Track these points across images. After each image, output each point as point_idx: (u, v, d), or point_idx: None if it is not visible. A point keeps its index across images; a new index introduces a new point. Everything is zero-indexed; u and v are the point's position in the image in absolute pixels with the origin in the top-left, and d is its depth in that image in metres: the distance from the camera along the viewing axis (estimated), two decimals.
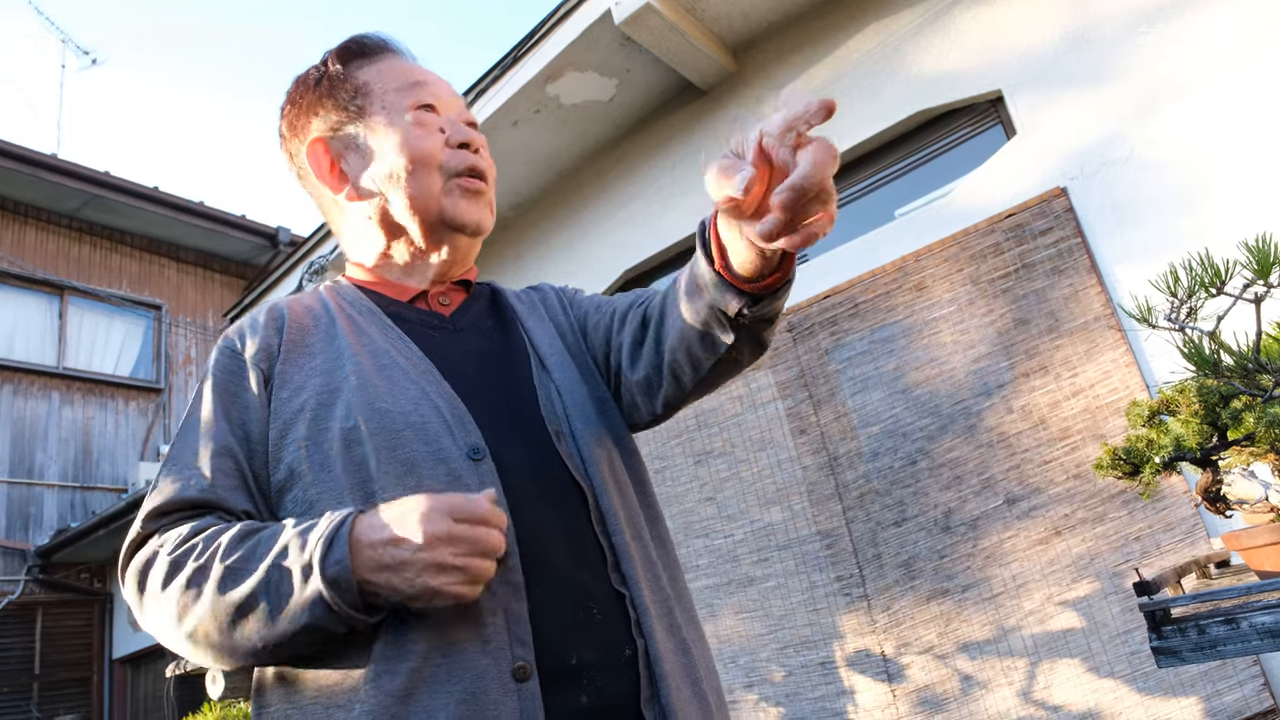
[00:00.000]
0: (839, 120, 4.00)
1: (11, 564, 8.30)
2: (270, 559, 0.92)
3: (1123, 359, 3.03)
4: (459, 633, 0.94)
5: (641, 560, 1.11)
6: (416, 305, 1.22)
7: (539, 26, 4.22)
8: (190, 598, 0.94)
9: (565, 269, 5.04)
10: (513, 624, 0.96)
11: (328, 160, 1.22)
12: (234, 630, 0.92)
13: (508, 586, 0.98)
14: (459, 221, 1.18)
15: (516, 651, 0.95)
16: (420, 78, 1.23)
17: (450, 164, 1.17)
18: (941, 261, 3.50)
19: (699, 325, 1.04)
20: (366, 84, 1.21)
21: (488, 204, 1.22)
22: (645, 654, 1.03)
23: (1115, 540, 2.97)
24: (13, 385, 8.62)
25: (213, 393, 1.10)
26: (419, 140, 1.16)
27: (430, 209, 1.16)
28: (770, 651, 3.71)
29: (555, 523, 1.06)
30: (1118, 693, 2.89)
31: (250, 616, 0.91)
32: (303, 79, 1.27)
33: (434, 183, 1.16)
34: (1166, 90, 3.11)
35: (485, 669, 0.93)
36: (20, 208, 9.09)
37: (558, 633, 0.99)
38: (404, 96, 1.20)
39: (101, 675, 8.67)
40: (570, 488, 1.10)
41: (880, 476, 3.51)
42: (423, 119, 1.18)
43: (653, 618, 1.06)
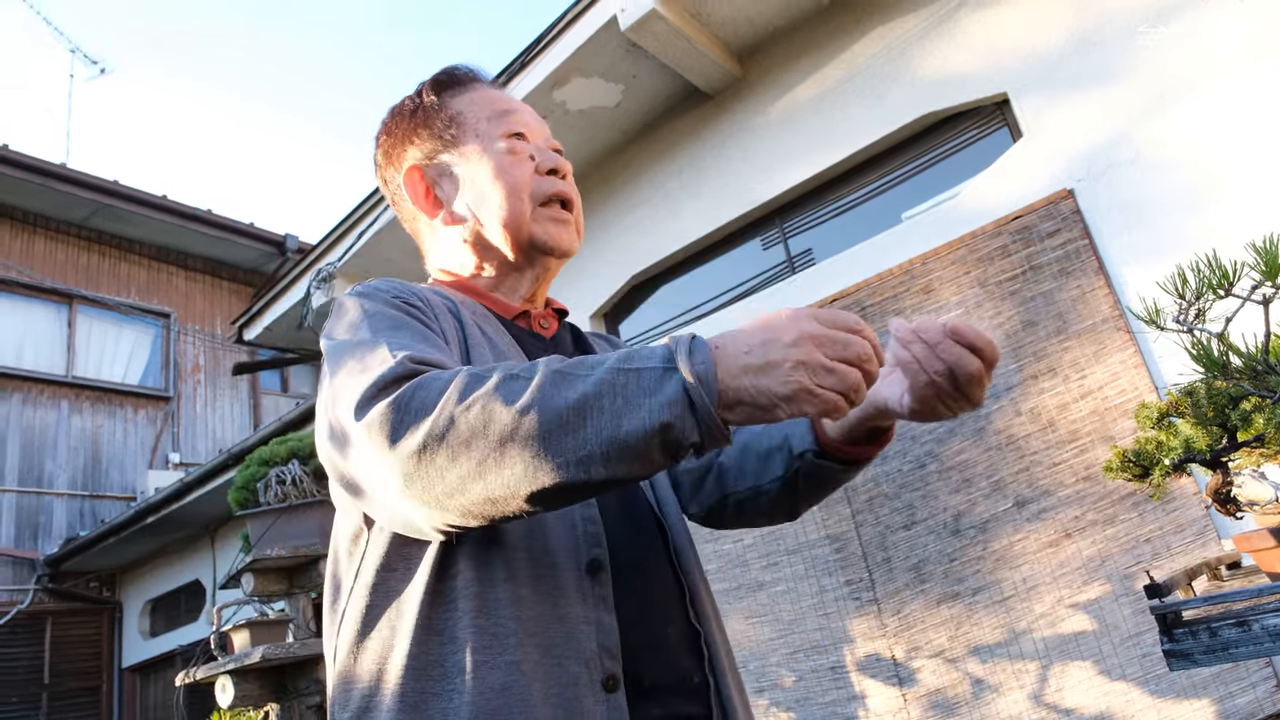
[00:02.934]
0: (845, 123, 4.01)
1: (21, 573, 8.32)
2: (609, 366, 0.83)
3: (1131, 361, 3.03)
4: (553, 635, 0.96)
5: (709, 603, 1.17)
6: (519, 324, 1.25)
7: (545, 33, 4.23)
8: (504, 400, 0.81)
9: (573, 274, 5.05)
10: (602, 635, 0.98)
11: (423, 187, 1.27)
12: (568, 432, 0.80)
13: (598, 599, 1.00)
14: (548, 245, 1.22)
15: (606, 663, 0.97)
16: (509, 106, 1.29)
17: (540, 190, 1.22)
18: (949, 264, 3.50)
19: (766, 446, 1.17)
20: (460, 114, 1.27)
21: (575, 228, 1.27)
22: (716, 689, 1.08)
23: (1126, 542, 2.96)
24: (22, 394, 8.66)
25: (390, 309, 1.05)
26: (512, 168, 1.21)
27: (521, 233, 1.21)
28: (780, 656, 3.71)
29: (640, 547, 1.11)
30: (1129, 695, 2.88)
31: (591, 415, 0.80)
32: (398, 109, 1.32)
33: (525, 209, 1.20)
34: (1173, 91, 3.10)
35: (578, 675, 0.95)
36: (29, 217, 9.13)
37: (639, 651, 1.01)
38: (496, 125, 1.25)
39: (111, 684, 8.69)
40: (651, 520, 1.15)
41: (889, 480, 3.50)
42: (515, 147, 1.23)
43: (721, 656, 1.12)
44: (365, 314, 1.03)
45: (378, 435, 0.84)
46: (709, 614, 1.14)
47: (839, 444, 1.09)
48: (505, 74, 4.37)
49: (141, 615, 8.73)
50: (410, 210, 1.30)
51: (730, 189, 4.41)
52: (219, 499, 6.61)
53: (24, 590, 8.27)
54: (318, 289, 5.57)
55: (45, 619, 8.45)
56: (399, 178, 1.29)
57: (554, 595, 0.98)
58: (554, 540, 1.01)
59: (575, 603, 0.98)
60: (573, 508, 1.03)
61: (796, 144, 4.18)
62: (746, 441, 1.19)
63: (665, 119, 4.74)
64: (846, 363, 0.81)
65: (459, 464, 0.81)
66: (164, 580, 8.43)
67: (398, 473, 0.83)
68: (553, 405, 0.80)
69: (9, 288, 8.81)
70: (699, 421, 0.80)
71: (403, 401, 0.84)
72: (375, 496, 0.89)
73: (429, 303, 1.12)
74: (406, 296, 1.09)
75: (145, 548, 8.17)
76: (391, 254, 5.39)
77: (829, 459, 1.11)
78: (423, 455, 0.82)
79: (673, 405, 0.79)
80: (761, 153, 4.31)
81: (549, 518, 1.02)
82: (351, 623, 1.01)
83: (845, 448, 1.10)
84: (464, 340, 1.10)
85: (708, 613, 1.14)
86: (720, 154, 4.49)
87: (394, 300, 1.07)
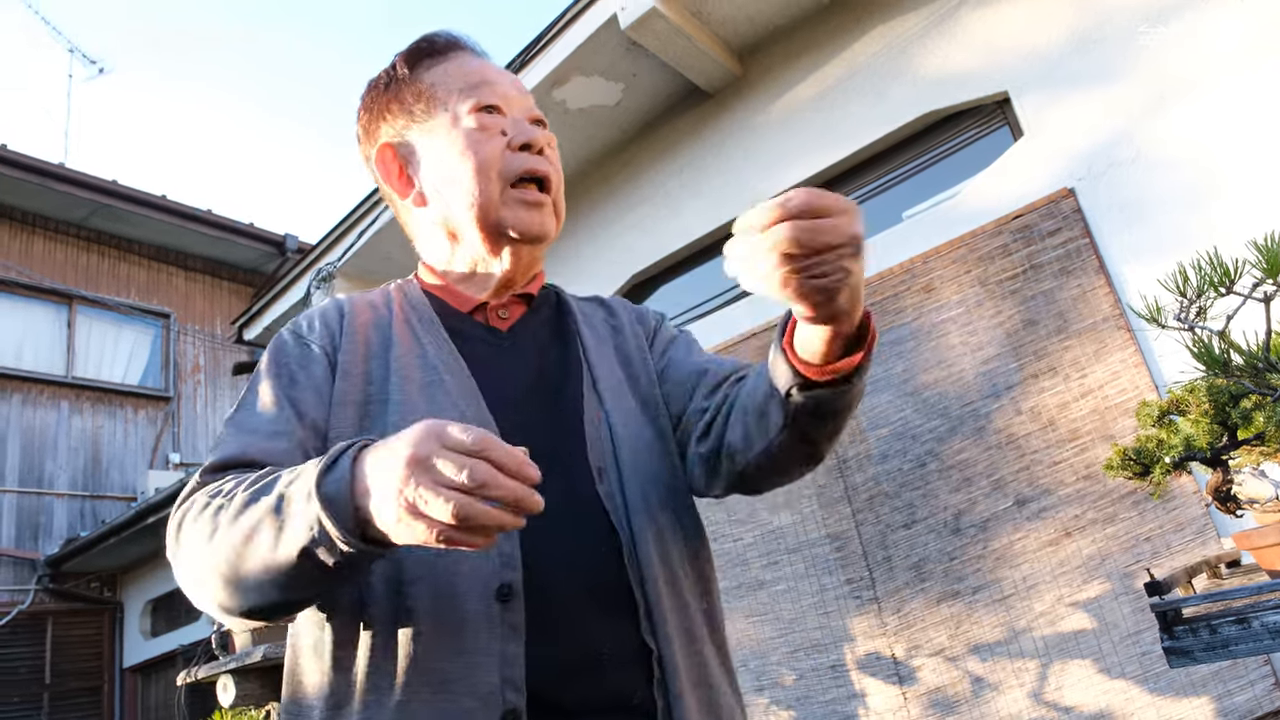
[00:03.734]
0: (846, 122, 4.01)
1: (21, 573, 8.32)
2: (283, 483, 0.85)
3: (1132, 359, 3.03)
4: (449, 670, 0.93)
5: (675, 610, 1.06)
6: (475, 318, 1.20)
7: (545, 31, 4.23)
8: (212, 527, 0.89)
9: (573, 274, 5.05)
10: (505, 666, 0.94)
11: (396, 166, 1.21)
12: (245, 558, 0.85)
13: (506, 627, 0.95)
14: (518, 231, 1.14)
15: (508, 696, 0.92)
16: (485, 76, 1.20)
17: (511, 168, 1.14)
18: (949, 263, 3.50)
19: (760, 401, 1.03)
20: (431, 86, 1.20)
21: (551, 210, 1.19)
22: (668, 709, 0.99)
23: (1126, 541, 2.97)
24: (22, 395, 8.65)
25: (272, 376, 1.09)
26: (480, 145, 1.14)
27: (489, 216, 1.14)
28: (780, 655, 3.71)
29: (577, 566, 1.02)
30: (1129, 693, 2.88)
31: (258, 540, 0.84)
32: (374, 83, 1.26)
33: (493, 189, 1.13)
34: (1174, 90, 3.11)
35: (470, 711, 0.91)
36: (28, 217, 9.13)
37: (555, 680, 0.96)
38: (467, 98, 1.17)
39: (112, 684, 8.69)
40: (605, 532, 1.06)
41: (889, 479, 3.51)
42: (485, 122, 1.15)
43: (680, 673, 1.02)
44: (251, 384, 1.11)
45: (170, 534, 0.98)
46: (672, 630, 1.04)
47: (819, 367, 0.94)
48: None
49: (142, 615, 8.73)
50: (387, 190, 1.25)
51: (731, 188, 4.41)
52: None
53: (25, 591, 8.27)
54: (318, 289, 5.57)
55: (46, 619, 8.45)
56: (373, 155, 1.24)
57: (455, 628, 0.95)
58: (461, 568, 0.97)
59: (480, 633, 0.94)
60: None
61: (797, 143, 4.18)
62: (743, 405, 1.07)
63: (666, 118, 4.74)
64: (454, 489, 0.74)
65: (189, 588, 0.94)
66: (165, 580, 8.42)
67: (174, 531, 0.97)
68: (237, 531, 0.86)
69: (8, 288, 8.80)
70: (334, 545, 0.80)
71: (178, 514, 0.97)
72: None
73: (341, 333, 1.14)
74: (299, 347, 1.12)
75: (146, 548, 8.16)
76: (392, 252, 5.39)
77: (819, 385, 0.95)
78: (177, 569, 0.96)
79: (310, 528, 0.80)
80: (762, 151, 4.31)
81: None
82: (290, 649, 1.06)
83: (828, 368, 0.94)
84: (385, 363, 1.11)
85: (669, 630, 1.03)
86: (721, 153, 4.49)
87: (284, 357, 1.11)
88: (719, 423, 1.13)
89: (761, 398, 1.02)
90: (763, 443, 1.04)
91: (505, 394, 1.11)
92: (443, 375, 1.09)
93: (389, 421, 1.03)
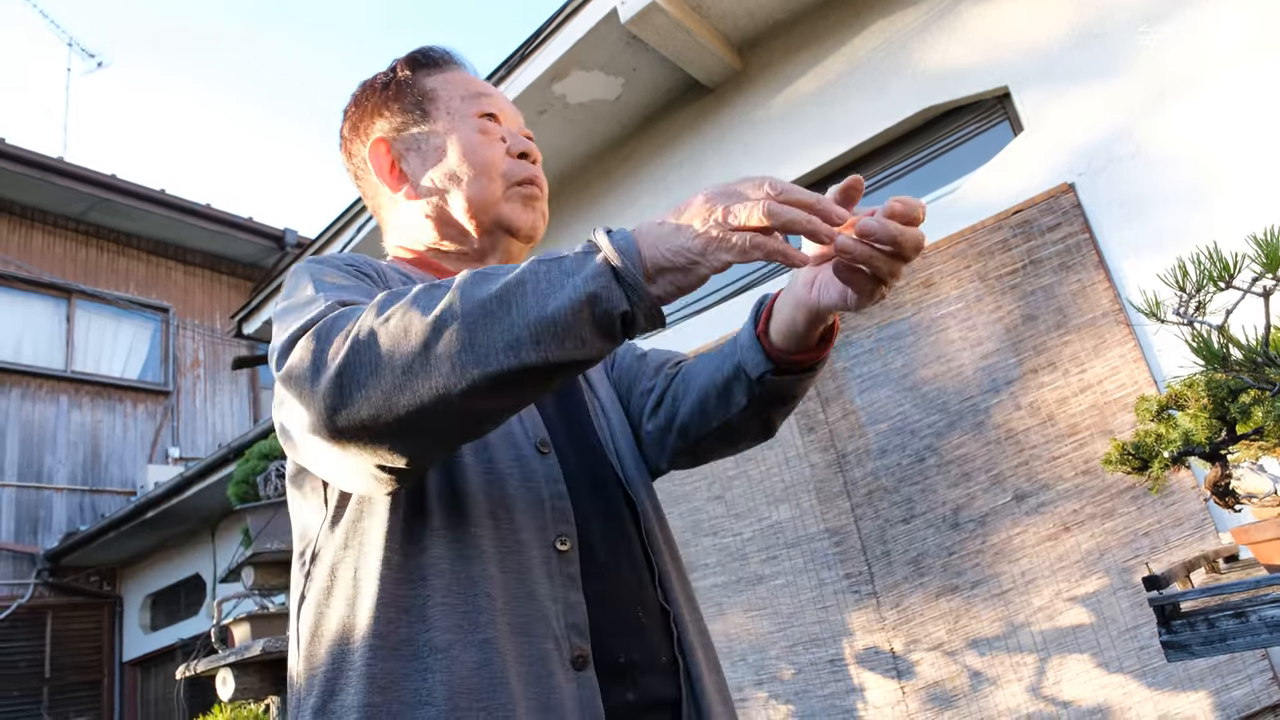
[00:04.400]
0: (846, 117, 4.01)
1: (21, 567, 8.34)
2: (529, 262, 0.83)
3: (1131, 354, 3.03)
4: (524, 613, 0.96)
5: (679, 583, 1.18)
6: None
7: (545, 26, 4.23)
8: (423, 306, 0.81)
9: None
10: (570, 614, 0.99)
11: (389, 160, 1.26)
12: (493, 321, 0.78)
13: (565, 577, 1.01)
14: (514, 226, 1.22)
15: (574, 640, 0.98)
16: (483, 90, 1.29)
17: (512, 172, 1.22)
18: (949, 258, 3.50)
19: (721, 382, 1.15)
20: (433, 90, 1.27)
21: (541, 213, 1.27)
22: (685, 669, 1.08)
23: (1124, 535, 2.97)
24: (21, 389, 8.66)
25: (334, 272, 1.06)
26: (483, 147, 1.21)
27: (487, 212, 1.21)
28: (779, 649, 3.71)
29: (610, 528, 1.11)
30: (1127, 688, 2.89)
31: (516, 301, 0.79)
32: (370, 83, 1.32)
33: (495, 188, 1.21)
34: (1174, 85, 3.10)
35: (549, 652, 0.95)
36: (27, 211, 9.13)
37: (608, 630, 1.02)
38: (469, 105, 1.25)
39: (112, 678, 8.70)
40: (623, 503, 1.16)
41: (888, 474, 3.51)
42: (486, 127, 1.23)
43: (692, 635, 1.13)
44: (311, 277, 1.02)
45: (300, 369, 0.82)
46: (679, 595, 1.15)
47: (793, 355, 1.08)
48: (505, 67, 4.36)
49: (142, 609, 8.74)
50: (373, 184, 1.29)
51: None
52: (219, 493, 6.62)
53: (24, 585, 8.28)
54: None
55: (46, 613, 8.46)
56: (364, 150, 1.29)
57: (521, 573, 0.98)
58: (521, 518, 1.01)
59: (543, 581, 0.99)
60: (540, 485, 1.04)
61: (797, 137, 4.18)
62: (702, 385, 1.19)
63: (665, 112, 4.74)
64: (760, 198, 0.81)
65: (383, 376, 0.79)
66: (164, 574, 8.44)
67: (324, 402, 0.80)
68: (474, 298, 0.80)
69: (7, 282, 8.80)
70: (626, 290, 0.80)
71: (322, 331, 0.84)
72: (308, 443, 0.85)
73: (383, 274, 1.14)
74: (360, 265, 1.13)
75: (145, 542, 8.18)
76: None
77: (788, 372, 1.10)
78: (344, 376, 0.80)
79: (597, 277, 0.79)
80: (762, 146, 4.31)
81: (515, 495, 1.01)
82: (314, 604, 0.99)
83: (800, 356, 1.08)
84: None
85: (677, 594, 1.15)
86: (721, 147, 4.49)
87: (345, 266, 1.10)
88: (668, 400, 1.26)
89: (724, 379, 1.14)
90: (720, 419, 1.18)
91: None
92: None
93: None
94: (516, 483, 1.03)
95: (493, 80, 4.37)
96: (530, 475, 1.04)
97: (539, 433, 1.09)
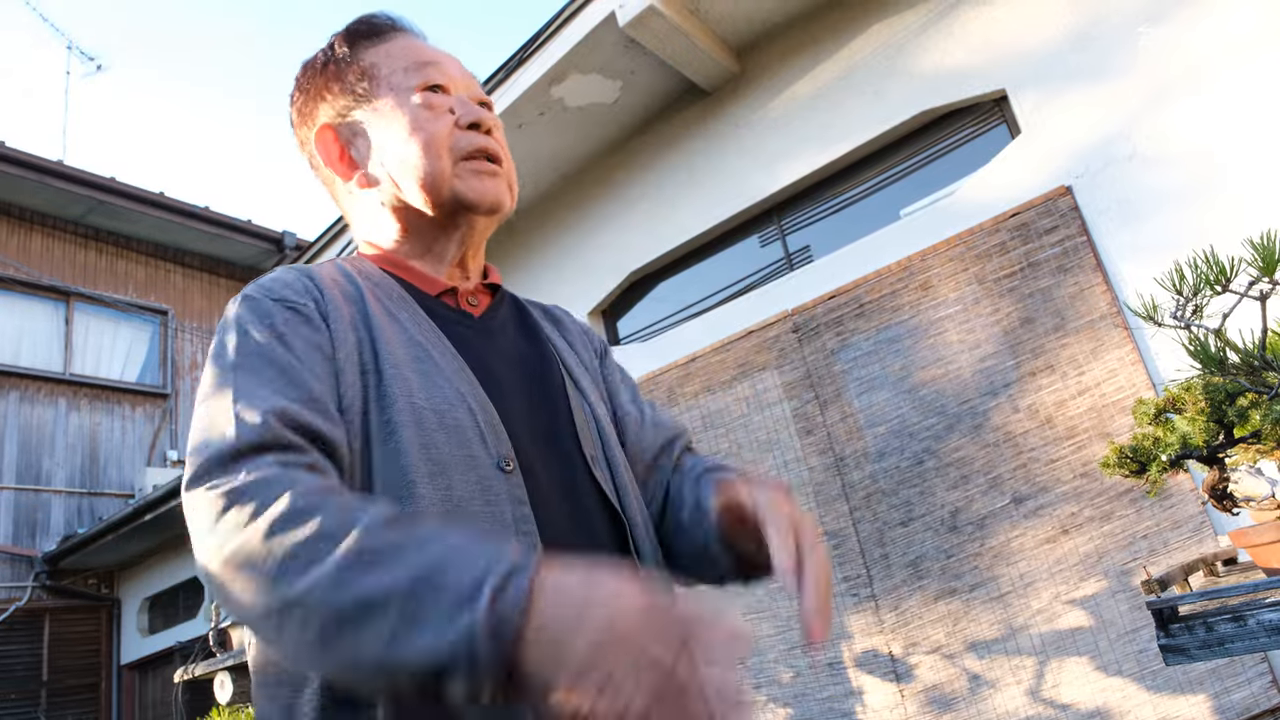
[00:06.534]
0: (844, 120, 4.01)
1: (19, 570, 8.32)
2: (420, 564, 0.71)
3: (1129, 357, 3.03)
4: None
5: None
6: (445, 301, 1.15)
7: (543, 29, 4.23)
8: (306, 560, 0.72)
9: (571, 271, 5.05)
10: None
11: (337, 148, 1.18)
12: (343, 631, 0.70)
13: None
14: (472, 199, 1.12)
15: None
16: (430, 57, 1.18)
17: (460, 146, 1.12)
18: (947, 261, 3.50)
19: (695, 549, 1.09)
20: (374, 65, 1.17)
21: (505, 182, 1.17)
22: None
23: (1122, 538, 2.97)
24: (19, 392, 8.64)
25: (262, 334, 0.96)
26: (428, 123, 1.11)
27: (441, 191, 1.11)
28: (778, 653, 3.71)
29: (583, 545, 1.00)
30: (1125, 691, 2.88)
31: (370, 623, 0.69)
32: (310, 64, 1.22)
33: (443, 165, 1.10)
34: (1171, 88, 3.11)
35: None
36: (26, 214, 9.11)
37: None
38: (412, 77, 1.15)
39: (110, 681, 8.68)
40: (602, 514, 1.06)
41: (887, 476, 3.51)
42: (431, 100, 1.13)
43: None
44: (234, 366, 0.93)
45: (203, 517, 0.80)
46: None
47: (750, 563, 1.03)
48: (503, 70, 4.36)
49: (140, 612, 8.72)
50: (326, 174, 1.21)
51: (728, 185, 4.41)
52: None
53: (22, 587, 8.26)
54: None
55: (43, 616, 8.44)
56: (311, 138, 1.19)
57: None
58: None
59: None
60: (504, 507, 0.95)
61: (794, 140, 4.18)
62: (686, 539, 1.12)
63: (663, 115, 4.74)
64: None
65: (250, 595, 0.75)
66: (162, 577, 8.43)
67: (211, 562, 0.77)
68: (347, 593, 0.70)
69: (6, 285, 8.79)
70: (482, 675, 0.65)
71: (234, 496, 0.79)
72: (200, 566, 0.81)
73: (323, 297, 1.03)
74: (297, 301, 1.01)
75: (144, 545, 8.16)
76: None
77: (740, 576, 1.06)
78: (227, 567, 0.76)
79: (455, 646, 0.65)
80: (759, 149, 4.31)
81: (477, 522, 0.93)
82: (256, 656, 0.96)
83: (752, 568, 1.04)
84: (369, 334, 1.02)
85: None
86: (718, 150, 4.49)
87: (272, 319, 0.98)
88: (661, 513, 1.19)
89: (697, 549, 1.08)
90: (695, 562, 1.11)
91: (492, 374, 1.08)
92: (429, 351, 1.05)
93: (390, 394, 0.97)
94: (478, 508, 0.94)
95: (491, 83, 4.38)
96: (493, 498, 0.96)
97: (502, 449, 1.00)
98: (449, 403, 1.00)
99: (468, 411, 1.00)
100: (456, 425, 0.99)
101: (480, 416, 1.01)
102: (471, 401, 1.02)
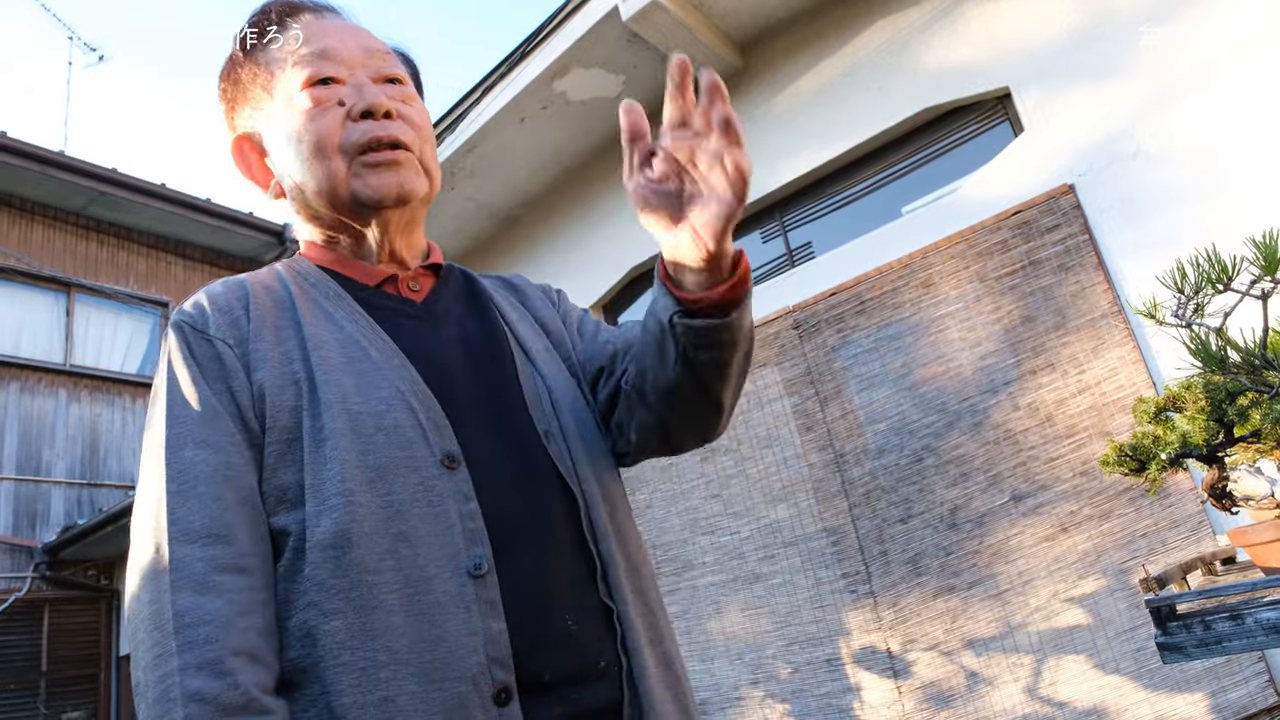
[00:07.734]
0: (847, 116, 4.00)
1: (18, 561, 8.32)
2: None
3: (1129, 355, 3.03)
4: (433, 659, 0.89)
5: (627, 571, 1.06)
6: (385, 290, 1.13)
7: (546, 23, 4.22)
8: None
9: (574, 265, 5.04)
10: (491, 646, 0.91)
11: (255, 156, 1.15)
12: None
13: (484, 604, 0.92)
14: (372, 198, 1.06)
15: (497, 675, 0.90)
16: (315, 45, 1.10)
17: (351, 141, 1.06)
18: (948, 259, 3.50)
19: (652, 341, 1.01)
20: (266, 66, 1.11)
21: (412, 167, 1.09)
22: (628, 670, 0.99)
23: (1121, 537, 2.97)
24: (20, 382, 8.65)
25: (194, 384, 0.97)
26: (314, 123, 1.06)
27: (339, 194, 1.06)
28: (776, 648, 3.72)
29: (537, 530, 1.00)
30: (1123, 689, 2.89)
31: None
32: (222, 73, 1.17)
33: (337, 166, 1.05)
34: (1175, 87, 3.10)
35: (466, 696, 0.88)
36: (27, 205, 9.11)
37: (532, 650, 0.94)
38: (299, 73, 1.08)
39: (109, 672, 8.70)
40: (558, 492, 1.04)
41: (886, 473, 3.51)
42: (319, 96, 1.07)
43: (638, 632, 1.02)
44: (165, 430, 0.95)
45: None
46: (626, 588, 1.04)
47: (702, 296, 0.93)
48: (505, 64, 4.36)
49: None
50: (250, 184, 1.16)
51: None
52: None
53: (22, 578, 8.27)
54: None
55: (43, 607, 8.45)
56: (230, 148, 1.15)
57: (430, 613, 0.90)
58: (427, 550, 0.93)
59: (458, 615, 0.91)
60: (449, 506, 0.95)
61: (797, 137, 4.18)
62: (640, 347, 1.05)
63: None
64: None
65: None
66: None
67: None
68: None
69: (7, 276, 8.79)
70: None
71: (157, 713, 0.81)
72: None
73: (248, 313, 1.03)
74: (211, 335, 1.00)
75: None
76: None
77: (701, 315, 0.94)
78: None
79: None
80: (762, 145, 4.30)
81: (418, 524, 0.94)
82: None
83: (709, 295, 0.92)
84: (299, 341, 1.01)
85: (624, 587, 1.03)
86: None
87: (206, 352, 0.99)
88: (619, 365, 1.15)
89: (651, 336, 1.00)
90: (664, 380, 1.02)
91: (435, 362, 1.06)
92: (365, 349, 1.03)
93: (323, 401, 0.97)
94: (421, 510, 0.94)
95: (494, 77, 4.38)
96: (436, 499, 0.95)
97: (446, 445, 0.99)
98: (386, 403, 0.99)
99: (408, 411, 0.99)
100: (396, 426, 0.97)
101: (422, 414, 1.00)
102: (412, 399, 1.00)
